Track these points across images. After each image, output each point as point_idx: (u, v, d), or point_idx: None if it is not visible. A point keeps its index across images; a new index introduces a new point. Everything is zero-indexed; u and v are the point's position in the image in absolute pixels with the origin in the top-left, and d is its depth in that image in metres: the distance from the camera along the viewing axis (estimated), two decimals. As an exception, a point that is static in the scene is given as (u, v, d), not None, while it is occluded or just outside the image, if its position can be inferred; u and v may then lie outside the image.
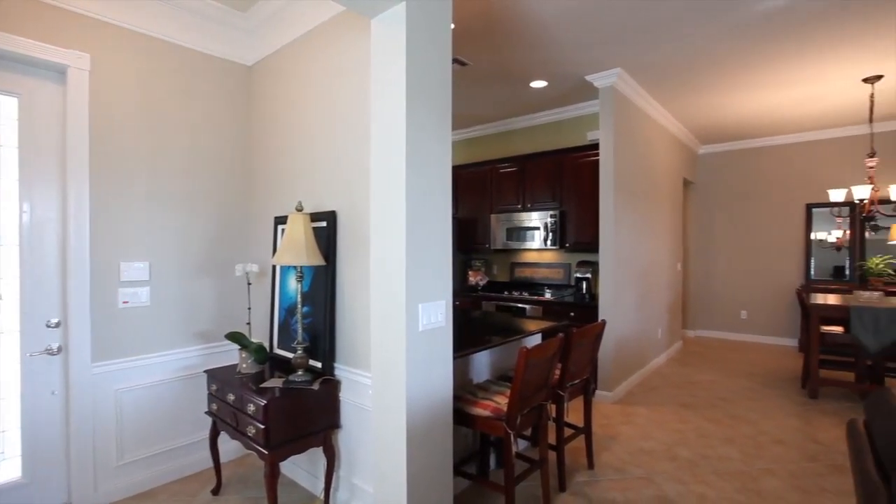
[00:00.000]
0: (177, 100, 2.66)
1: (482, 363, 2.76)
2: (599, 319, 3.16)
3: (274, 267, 2.75)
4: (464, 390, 2.38)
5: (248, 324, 2.70)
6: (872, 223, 5.57)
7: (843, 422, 3.62)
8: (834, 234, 6.02)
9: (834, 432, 3.43)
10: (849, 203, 5.62)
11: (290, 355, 2.51)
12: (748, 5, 2.88)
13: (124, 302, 2.46)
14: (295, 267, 2.49)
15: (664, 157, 5.37)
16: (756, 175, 6.52)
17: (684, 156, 6.20)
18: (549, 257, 5.10)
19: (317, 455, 2.51)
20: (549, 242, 4.64)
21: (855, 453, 1.25)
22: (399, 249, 1.74)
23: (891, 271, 5.50)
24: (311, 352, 2.42)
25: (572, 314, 4.27)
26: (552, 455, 2.82)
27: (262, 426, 2.03)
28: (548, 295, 4.65)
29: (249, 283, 2.76)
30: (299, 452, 2.18)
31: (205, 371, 2.51)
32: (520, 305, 4.63)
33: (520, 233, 4.88)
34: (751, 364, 5.37)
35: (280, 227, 2.71)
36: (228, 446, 2.87)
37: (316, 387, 2.22)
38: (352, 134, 2.32)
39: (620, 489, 2.60)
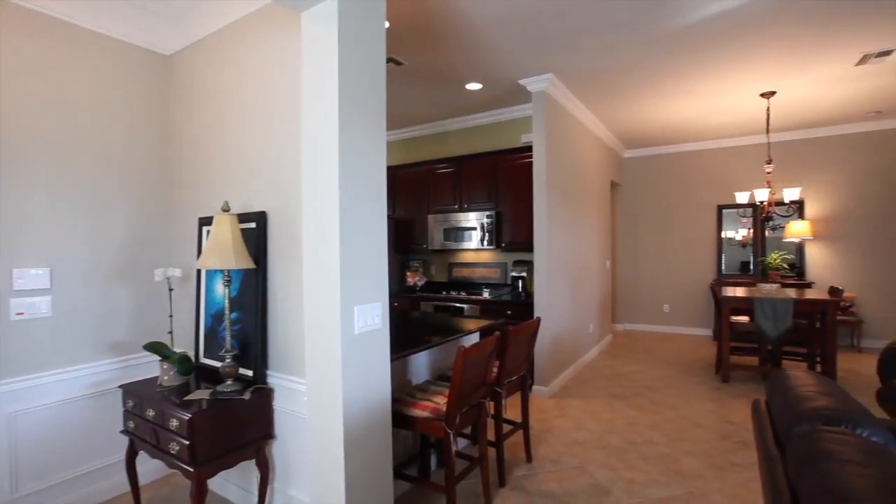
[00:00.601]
0: (84, 88, 2.42)
1: (421, 364, 2.75)
2: (535, 317, 3.26)
3: (199, 271, 2.58)
4: (403, 392, 2.36)
5: (171, 333, 2.51)
6: (771, 223, 6.19)
7: (750, 402, 3.99)
8: (740, 233, 6.64)
9: (743, 412, 3.76)
10: (751, 205, 6.22)
11: (218, 364, 2.37)
12: (665, 21, 3.09)
13: (18, 314, 2.20)
14: (222, 271, 2.35)
15: (593, 160, 5.65)
16: (675, 178, 7.03)
17: (611, 159, 6.56)
18: (486, 257, 5.20)
19: (249, 468, 2.38)
20: (485, 242, 4.73)
21: (758, 429, 1.37)
22: (333, 251, 1.69)
23: (786, 266, 6.15)
24: (241, 360, 2.30)
25: (509, 312, 4.38)
26: (492, 451, 2.87)
27: (187, 442, 1.89)
28: (485, 294, 4.73)
29: (171, 289, 2.57)
30: (229, 467, 2.06)
31: (120, 386, 2.30)
32: (458, 305, 4.67)
33: (457, 233, 4.93)
34: (673, 354, 5.77)
35: (205, 229, 2.55)
36: (148, 466, 2.65)
37: (247, 396, 2.11)
38: (283, 131, 2.22)
39: (557, 480, 2.69)
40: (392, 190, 5.49)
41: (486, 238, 4.72)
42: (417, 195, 5.32)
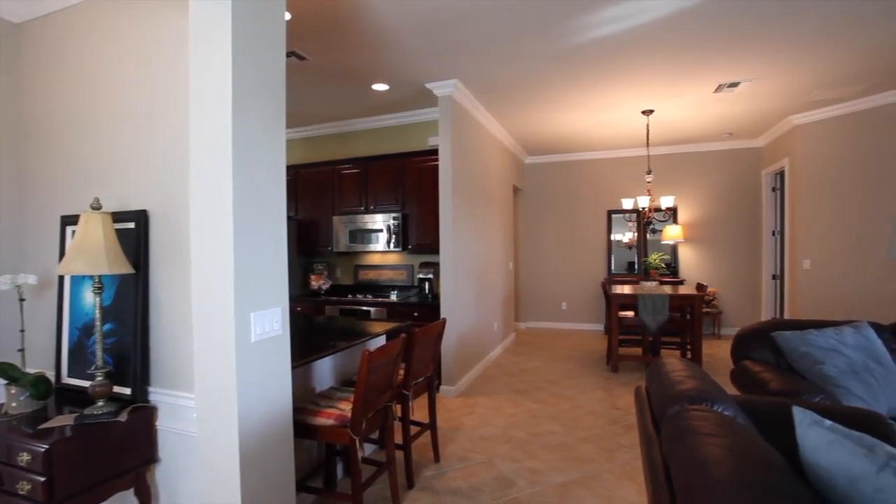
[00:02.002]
0: None
1: (325, 370, 2.66)
2: (441, 318, 3.32)
3: (62, 278, 2.24)
4: (306, 401, 2.26)
5: (22, 350, 2.15)
6: (651, 227, 6.93)
7: (634, 389, 4.42)
8: (627, 236, 7.34)
9: (629, 398, 4.15)
10: (635, 210, 6.90)
11: (87, 384, 2.07)
12: (565, 38, 3.31)
13: None
14: (92, 277, 2.07)
15: (497, 165, 5.88)
16: (571, 184, 7.57)
17: (514, 165, 6.89)
18: (392, 259, 5.17)
19: (126, 499, 2.11)
20: (392, 244, 4.71)
21: (639, 412, 1.52)
22: (225, 254, 1.56)
23: (664, 265, 6.91)
24: (116, 377, 2.03)
25: (416, 314, 4.40)
26: (400, 454, 2.85)
27: (43, 479, 1.63)
28: (393, 296, 4.71)
29: (23, 300, 2.20)
30: (101, 501, 1.81)
31: (-48, 417, 1.92)
32: (365, 308, 4.59)
33: (363, 235, 4.85)
34: (570, 348, 6.20)
35: (70, 229, 2.23)
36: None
37: (123, 418, 1.87)
38: (168, 121, 2.02)
39: (464, 476, 2.75)
40: (295, 190, 5.25)
41: (393, 240, 4.70)
42: (322, 196, 5.14)
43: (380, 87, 4.23)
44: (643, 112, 5.11)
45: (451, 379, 4.24)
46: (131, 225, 2.06)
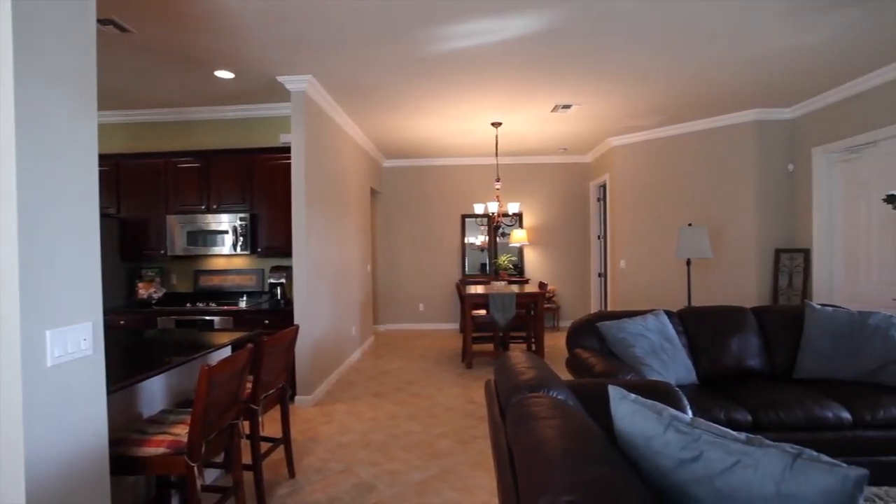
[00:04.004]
0: None
1: (156, 392, 2.31)
2: (294, 324, 3.13)
3: None
4: (130, 429, 1.93)
5: None
6: (500, 230, 7.51)
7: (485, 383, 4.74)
8: (479, 239, 7.84)
9: (482, 392, 4.43)
10: (486, 215, 7.40)
11: None
12: (420, 46, 3.39)
13: None
14: None
15: (354, 166, 5.80)
16: (428, 188, 7.83)
17: (372, 167, 6.87)
18: (240, 263, 4.75)
19: None
20: (240, 247, 4.32)
21: (488, 404, 1.62)
22: (8, 260, 1.25)
23: (512, 266, 7.57)
24: None
25: (267, 322, 4.10)
26: (250, 475, 2.61)
27: None
28: (242, 304, 4.32)
29: None
30: None
31: None
32: (207, 318, 4.13)
33: (205, 237, 4.36)
34: (427, 348, 6.39)
35: None
36: None
37: None
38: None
39: (322, 489, 2.64)
40: (115, 183, 4.49)
41: (241, 242, 4.32)
42: (153, 192, 4.48)
43: (224, 74, 3.85)
44: (493, 124, 5.52)
45: (306, 388, 4.04)
46: None
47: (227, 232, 4.34)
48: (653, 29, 3.19)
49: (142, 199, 4.50)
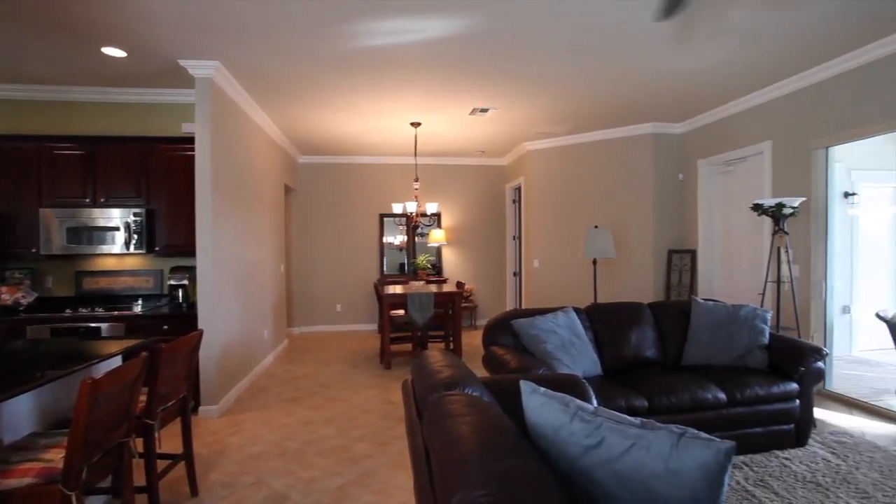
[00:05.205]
0: None
1: (22, 413, 2.02)
2: (198, 329, 2.89)
3: None
4: (-13, 458, 1.66)
5: None
6: (419, 230, 7.55)
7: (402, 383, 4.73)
8: (398, 238, 7.81)
9: (400, 392, 4.40)
10: (404, 215, 7.38)
11: None
12: (335, 41, 3.29)
13: None
14: None
15: (267, 161, 5.50)
16: (346, 186, 7.64)
17: (286, 163, 6.57)
18: (133, 263, 4.30)
19: None
20: (133, 246, 3.91)
21: (406, 404, 1.61)
22: None
23: (430, 266, 7.63)
24: None
25: (167, 327, 3.75)
26: (143, 499, 2.37)
27: None
28: (136, 308, 3.91)
29: None
30: None
31: None
32: (92, 325, 3.68)
33: (90, 234, 3.88)
34: (345, 350, 6.23)
35: None
36: None
37: None
38: None
39: (228, 505, 2.47)
40: (-27, 171, 3.85)
41: (135, 240, 3.91)
42: (22, 181, 3.90)
43: (113, 51, 3.46)
44: (412, 124, 5.52)
45: (212, 397, 3.76)
46: None
47: (118, 229, 3.90)
48: (563, 43, 3.38)
49: (6, 188, 3.89)
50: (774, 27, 3.18)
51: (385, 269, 7.74)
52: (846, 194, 5.21)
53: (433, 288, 5.81)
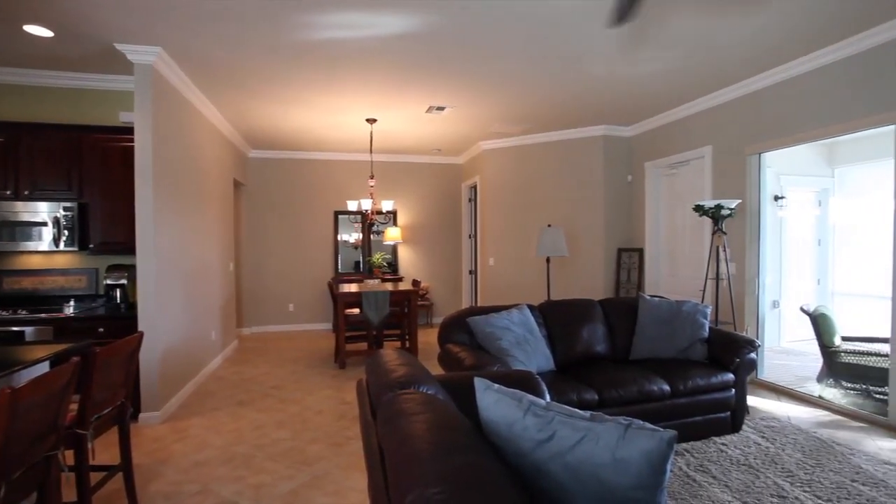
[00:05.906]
0: None
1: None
2: (138, 331, 2.71)
3: None
4: None
5: None
6: (374, 228, 7.46)
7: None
8: (353, 236, 7.68)
9: (355, 393, 4.34)
10: (359, 212, 7.27)
11: None
12: (289, 31, 3.18)
13: None
14: None
15: (214, 155, 5.26)
16: (300, 182, 7.43)
17: (235, 157, 6.30)
18: (64, 262, 3.99)
19: None
20: (63, 243, 3.62)
21: (360, 404, 1.59)
22: None
23: (386, 264, 7.56)
24: None
25: (103, 330, 3.51)
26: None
27: None
28: (68, 310, 3.63)
29: None
30: None
31: None
32: (15, 329, 3.38)
33: (12, 229, 3.57)
34: (298, 350, 6.07)
35: None
36: None
37: None
38: None
39: (169, 516, 2.34)
40: None
41: (66, 237, 3.63)
42: (-68, 171, 3.54)
43: (37, 30, 3.18)
44: (367, 120, 5.44)
45: (155, 403, 3.56)
46: None
47: (45, 224, 3.61)
48: (517, 43, 3.43)
49: (-85, 179, 3.52)
50: (715, 38, 3.37)
51: (340, 267, 7.59)
52: (776, 197, 5.60)
53: (389, 286, 5.76)
